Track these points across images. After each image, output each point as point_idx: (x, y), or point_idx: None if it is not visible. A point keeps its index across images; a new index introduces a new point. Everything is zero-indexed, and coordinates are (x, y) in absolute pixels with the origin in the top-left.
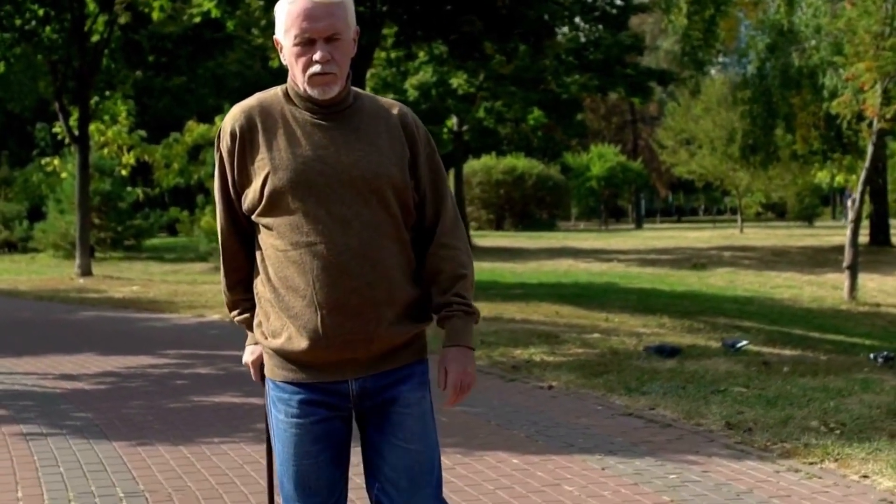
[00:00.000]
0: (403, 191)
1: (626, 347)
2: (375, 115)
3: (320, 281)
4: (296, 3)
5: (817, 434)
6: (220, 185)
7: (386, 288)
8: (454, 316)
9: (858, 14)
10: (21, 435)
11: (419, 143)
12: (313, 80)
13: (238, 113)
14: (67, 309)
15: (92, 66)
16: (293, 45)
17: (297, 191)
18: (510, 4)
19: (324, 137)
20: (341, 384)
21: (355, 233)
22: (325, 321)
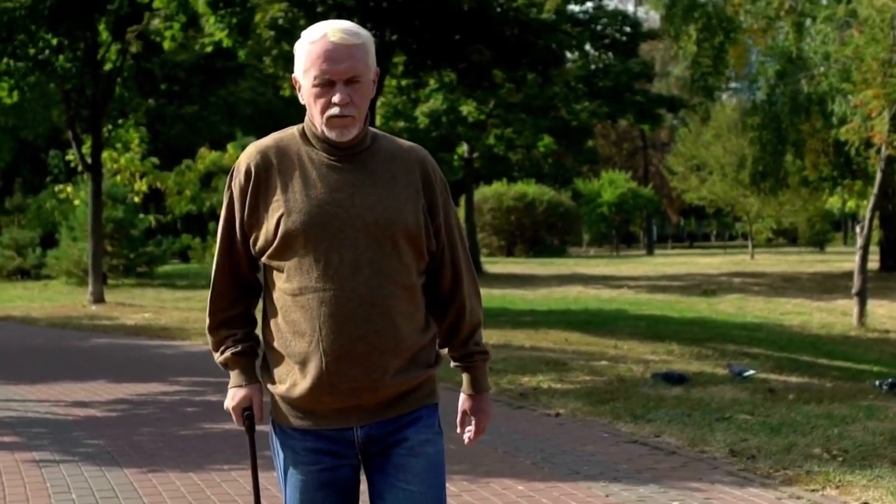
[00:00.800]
0: (417, 238)
1: (634, 375)
2: (393, 158)
3: (327, 327)
4: (317, 43)
5: (820, 461)
6: (226, 224)
7: (393, 336)
8: (474, 366)
9: (866, 41)
10: (34, 461)
11: (437, 191)
12: (331, 123)
13: (254, 152)
14: (80, 336)
15: (105, 94)
16: (312, 85)
17: (311, 234)
18: (518, 34)
19: (339, 180)
20: (346, 431)
21: (365, 279)
22: (331, 368)
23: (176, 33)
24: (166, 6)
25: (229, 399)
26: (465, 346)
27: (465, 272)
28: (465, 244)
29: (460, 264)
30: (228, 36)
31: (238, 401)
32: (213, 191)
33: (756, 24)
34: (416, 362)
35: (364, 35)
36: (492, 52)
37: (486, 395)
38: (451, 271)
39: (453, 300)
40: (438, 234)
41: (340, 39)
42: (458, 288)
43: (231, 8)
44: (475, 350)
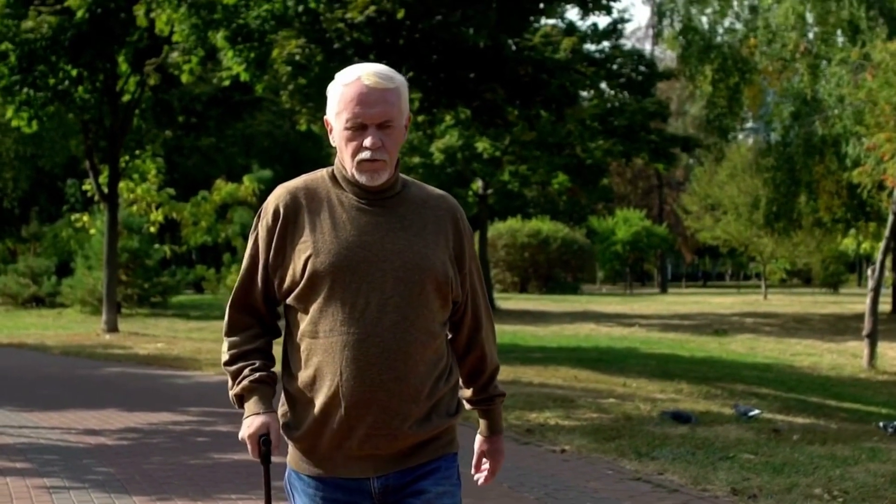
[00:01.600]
0: (444, 285)
1: (641, 413)
2: (423, 204)
3: (348, 371)
4: (350, 85)
5: (820, 501)
6: (250, 263)
7: (415, 384)
8: (493, 409)
9: (879, 85)
10: (45, 488)
11: (465, 241)
12: (362, 166)
13: (283, 193)
14: (93, 365)
15: (123, 125)
16: (344, 128)
17: (338, 276)
18: (532, 73)
19: (369, 223)
20: (363, 482)
21: (390, 324)
22: (350, 413)
23: (194, 67)
24: (185, 40)
25: (245, 428)
26: (485, 391)
27: (484, 320)
28: (485, 291)
29: (481, 313)
30: (246, 70)
31: (255, 428)
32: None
33: (771, 66)
34: (437, 411)
35: (398, 79)
36: (506, 91)
37: (502, 437)
38: (472, 320)
39: (473, 348)
40: (464, 284)
41: (374, 83)
42: (478, 336)
43: (249, 43)
44: (494, 394)
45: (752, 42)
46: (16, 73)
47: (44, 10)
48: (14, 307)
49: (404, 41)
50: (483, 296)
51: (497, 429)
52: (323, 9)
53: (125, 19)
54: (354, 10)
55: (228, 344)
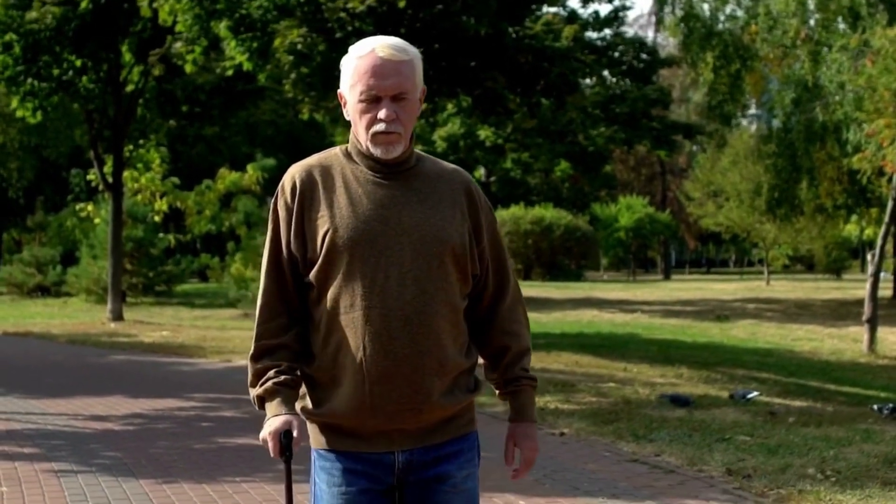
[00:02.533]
0: (462, 257)
1: (640, 397)
2: (438, 178)
3: (371, 346)
4: (364, 58)
5: (813, 481)
6: (272, 247)
7: (438, 357)
8: (521, 391)
9: (879, 72)
10: (52, 472)
11: (482, 213)
12: (377, 139)
13: (299, 170)
14: (99, 353)
15: (127, 115)
16: (358, 101)
17: (356, 250)
18: (533, 61)
19: (386, 196)
20: (386, 455)
21: (410, 298)
22: (374, 389)
23: (197, 57)
24: (188, 30)
25: (266, 428)
26: (511, 371)
27: (509, 294)
28: (511, 269)
29: (507, 287)
30: (249, 60)
31: (277, 426)
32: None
33: (772, 53)
34: (459, 386)
35: (412, 52)
36: (506, 79)
37: (533, 425)
38: (494, 291)
39: (496, 321)
40: (483, 258)
41: (388, 55)
42: (499, 308)
43: (251, 32)
44: (522, 375)
45: (753, 29)
46: (20, 64)
47: (48, 0)
48: (20, 296)
49: (405, 30)
50: (508, 269)
51: (525, 415)
52: None
53: (128, 10)
54: (356, 0)
55: (256, 334)
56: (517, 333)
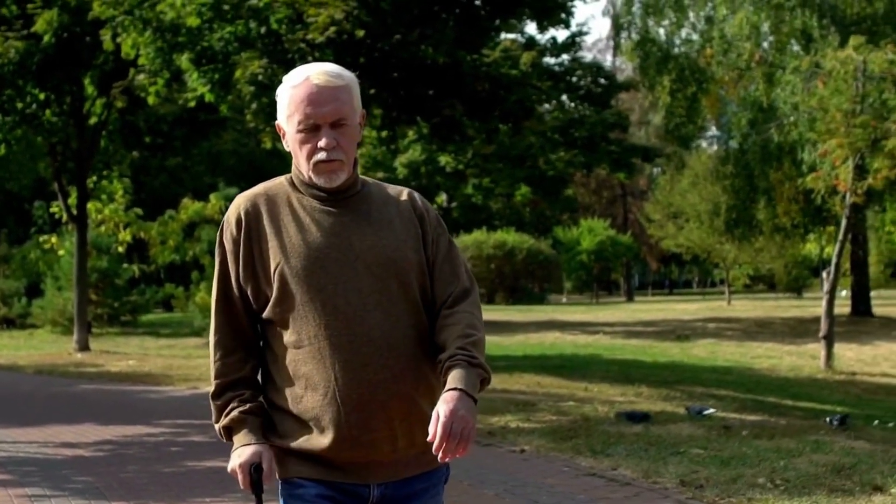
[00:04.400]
0: (421, 274)
1: (599, 414)
2: (385, 200)
3: (342, 376)
4: (299, 87)
5: (763, 490)
6: (220, 282)
7: (412, 380)
8: (455, 365)
9: (830, 93)
10: (27, 496)
11: (428, 223)
12: (319, 168)
13: (243, 201)
14: (66, 382)
15: (90, 147)
16: (297, 131)
17: (312, 280)
18: (490, 88)
19: (335, 224)
20: (362, 488)
21: (376, 322)
22: (350, 419)
23: (160, 89)
24: (151, 63)
25: (235, 458)
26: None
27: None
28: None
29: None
30: (210, 91)
31: (246, 457)
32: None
33: (728, 76)
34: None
35: (348, 76)
36: (464, 106)
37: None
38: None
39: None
40: (436, 264)
41: (324, 82)
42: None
43: (213, 64)
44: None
45: (708, 52)
46: None
47: (11, 35)
48: None
49: (365, 60)
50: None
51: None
52: (285, 30)
53: (91, 43)
54: (315, 31)
55: (215, 372)
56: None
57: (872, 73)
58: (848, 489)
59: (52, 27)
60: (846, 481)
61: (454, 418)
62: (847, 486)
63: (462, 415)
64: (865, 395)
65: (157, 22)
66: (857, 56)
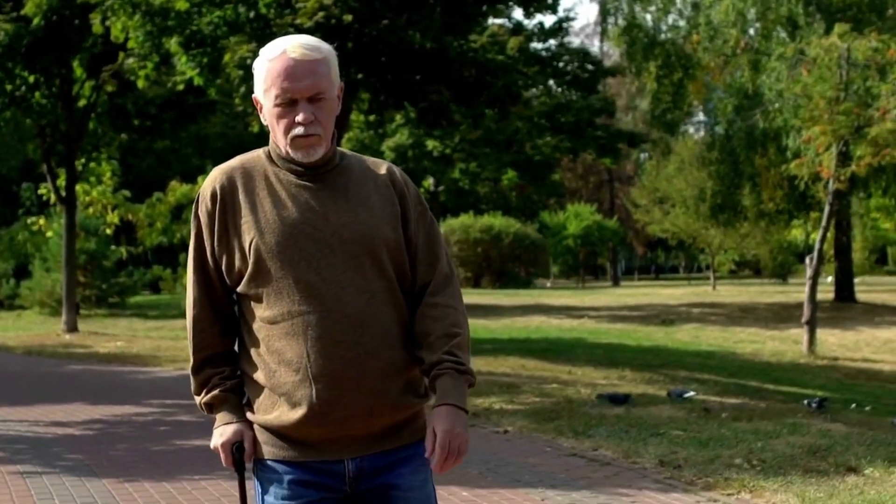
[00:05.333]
0: (398, 251)
1: (581, 396)
2: (363, 174)
3: (315, 352)
4: (276, 60)
5: (739, 470)
6: (196, 255)
7: (386, 358)
8: (444, 374)
9: (814, 80)
10: (18, 473)
11: (409, 200)
12: (296, 143)
13: (219, 174)
14: (55, 363)
15: (79, 129)
16: (274, 105)
17: (286, 255)
18: (476, 74)
19: (311, 199)
20: (336, 464)
21: (350, 299)
22: (321, 395)
23: (150, 72)
24: (140, 47)
25: (217, 437)
26: (434, 354)
27: (442, 279)
28: (450, 258)
29: (440, 274)
30: (199, 74)
31: (228, 436)
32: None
33: (713, 62)
34: (410, 389)
35: (325, 49)
36: (450, 92)
37: (454, 410)
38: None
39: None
40: (413, 242)
41: (301, 55)
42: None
43: (202, 48)
44: (445, 359)
45: (695, 38)
46: None
47: (0, 17)
48: None
49: (352, 45)
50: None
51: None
52: (273, 14)
53: (80, 26)
54: (304, 16)
55: (193, 346)
56: (445, 316)
57: (856, 60)
58: (822, 470)
59: (41, 10)
60: (821, 462)
61: (450, 437)
62: (822, 467)
63: (458, 432)
64: (846, 380)
65: (147, 6)
66: (842, 43)
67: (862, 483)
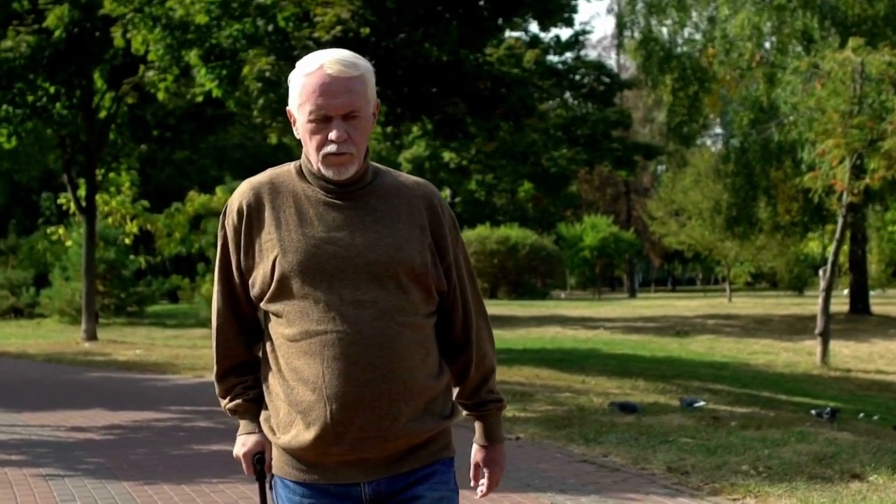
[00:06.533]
0: (423, 276)
1: (593, 405)
2: (396, 193)
3: (331, 372)
4: (312, 75)
5: (746, 476)
6: (222, 266)
7: (403, 381)
8: (488, 415)
9: (828, 94)
10: (41, 476)
11: (445, 227)
12: (328, 160)
13: (247, 189)
14: (75, 370)
15: (99, 140)
16: (307, 121)
17: (308, 275)
18: (491, 87)
19: (337, 218)
20: (352, 488)
21: (370, 320)
22: (336, 416)
23: (169, 85)
24: (160, 59)
25: (239, 446)
26: (477, 394)
27: (475, 315)
28: (477, 286)
29: (470, 306)
30: (218, 87)
31: (249, 447)
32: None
33: (729, 75)
34: (430, 411)
35: (363, 66)
36: (466, 104)
37: (500, 447)
38: (461, 314)
39: (463, 344)
40: (449, 274)
41: (338, 72)
42: (468, 331)
43: (221, 61)
44: (488, 399)
45: (710, 52)
46: None
47: (22, 29)
48: None
49: (370, 57)
50: (474, 289)
51: (492, 437)
52: (291, 28)
53: (101, 38)
54: (322, 30)
55: (217, 355)
56: (482, 353)
57: (870, 74)
58: (827, 476)
59: (62, 22)
60: (826, 469)
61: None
62: (827, 474)
63: (504, 467)
64: (859, 392)
65: (167, 19)
66: (856, 58)
67: (865, 489)
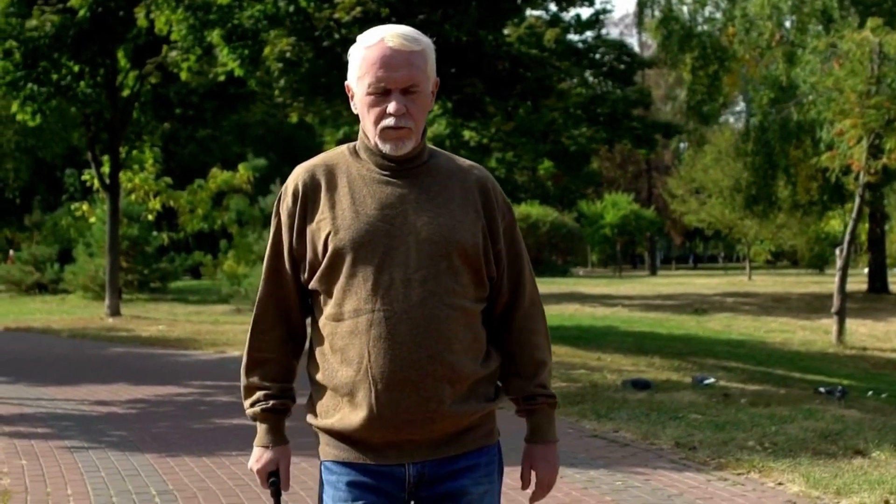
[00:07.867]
0: (475, 259)
1: (607, 382)
2: (451, 175)
3: (376, 351)
4: (373, 48)
5: (751, 452)
6: (272, 253)
7: (449, 362)
8: (538, 410)
9: (846, 74)
10: (66, 448)
11: (497, 212)
12: (386, 134)
13: (301, 172)
14: (99, 346)
15: (123, 118)
16: (366, 93)
17: (360, 252)
18: (510, 67)
19: (391, 195)
20: (396, 468)
21: (418, 299)
22: (381, 397)
23: (192, 65)
24: (183, 39)
25: (253, 460)
26: (527, 386)
27: (528, 304)
28: (532, 275)
29: (524, 294)
30: (240, 66)
31: (263, 464)
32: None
33: (749, 54)
34: (475, 395)
35: (424, 41)
36: (485, 85)
37: (552, 447)
38: (512, 300)
39: (514, 333)
40: (499, 260)
41: (399, 45)
42: (519, 319)
43: (243, 41)
44: (538, 392)
45: (730, 31)
46: (21, 70)
47: (47, 9)
48: (18, 294)
49: None
50: (530, 275)
51: (542, 436)
52: (312, 9)
53: (125, 17)
54: (342, 10)
55: (249, 344)
56: (534, 344)
57: (889, 54)
58: (831, 453)
59: (87, 2)
60: (831, 445)
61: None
62: (831, 450)
63: (556, 468)
64: (874, 370)
65: (189, 0)
66: (874, 38)
67: (867, 465)
